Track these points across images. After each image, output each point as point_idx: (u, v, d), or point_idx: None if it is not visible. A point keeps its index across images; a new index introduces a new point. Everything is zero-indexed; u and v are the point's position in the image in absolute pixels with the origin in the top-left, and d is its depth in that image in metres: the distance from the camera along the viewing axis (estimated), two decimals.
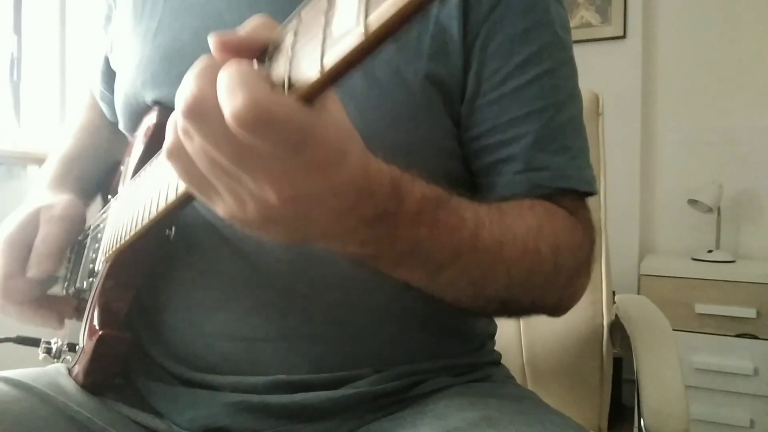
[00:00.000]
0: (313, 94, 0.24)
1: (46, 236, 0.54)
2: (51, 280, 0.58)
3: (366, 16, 0.20)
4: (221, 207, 0.30)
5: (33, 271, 0.54)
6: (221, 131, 0.26)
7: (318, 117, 0.25)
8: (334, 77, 0.23)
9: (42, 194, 0.60)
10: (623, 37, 2.21)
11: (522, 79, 0.48)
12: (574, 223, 0.48)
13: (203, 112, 0.26)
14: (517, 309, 0.48)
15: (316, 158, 0.26)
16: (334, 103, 0.27)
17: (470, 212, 0.40)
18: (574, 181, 0.49)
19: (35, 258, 0.54)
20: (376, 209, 0.32)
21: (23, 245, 0.55)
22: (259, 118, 0.24)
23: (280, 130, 0.24)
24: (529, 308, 0.48)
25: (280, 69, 0.25)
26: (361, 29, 0.20)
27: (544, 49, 0.48)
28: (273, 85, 0.25)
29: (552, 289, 0.47)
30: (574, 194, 0.49)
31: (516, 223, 0.43)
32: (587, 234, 0.49)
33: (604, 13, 2.23)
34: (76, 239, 0.60)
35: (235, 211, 0.30)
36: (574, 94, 0.52)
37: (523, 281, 0.44)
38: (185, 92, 0.27)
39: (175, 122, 0.29)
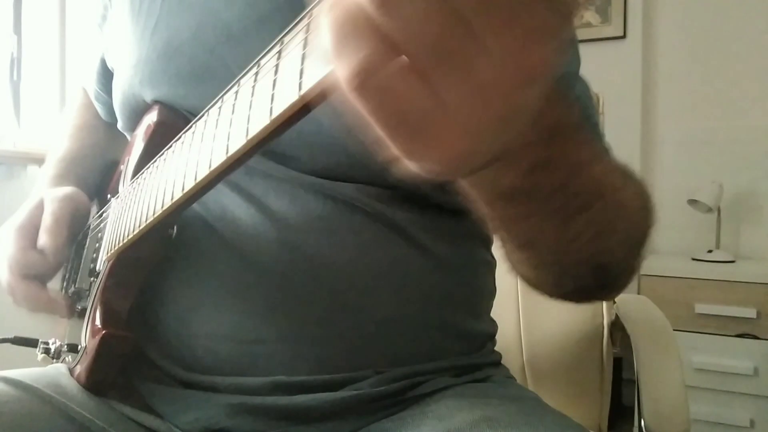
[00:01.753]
0: None
1: (54, 210, 0.56)
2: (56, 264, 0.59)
3: None
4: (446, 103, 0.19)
5: (43, 239, 0.55)
6: None
7: None
8: None
9: (44, 191, 0.60)
10: (623, 37, 2.21)
11: None
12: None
13: None
14: (605, 283, 0.42)
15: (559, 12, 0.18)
16: None
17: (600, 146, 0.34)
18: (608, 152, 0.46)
19: (45, 228, 0.56)
20: (552, 115, 0.27)
21: (32, 226, 0.57)
22: None
23: None
24: (611, 283, 0.43)
25: None
26: None
27: None
28: None
29: (637, 254, 0.42)
30: None
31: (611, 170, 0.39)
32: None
33: (604, 13, 2.23)
34: (81, 227, 0.60)
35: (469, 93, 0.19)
36: (580, 76, 0.52)
37: (630, 236, 0.39)
38: None
39: None
